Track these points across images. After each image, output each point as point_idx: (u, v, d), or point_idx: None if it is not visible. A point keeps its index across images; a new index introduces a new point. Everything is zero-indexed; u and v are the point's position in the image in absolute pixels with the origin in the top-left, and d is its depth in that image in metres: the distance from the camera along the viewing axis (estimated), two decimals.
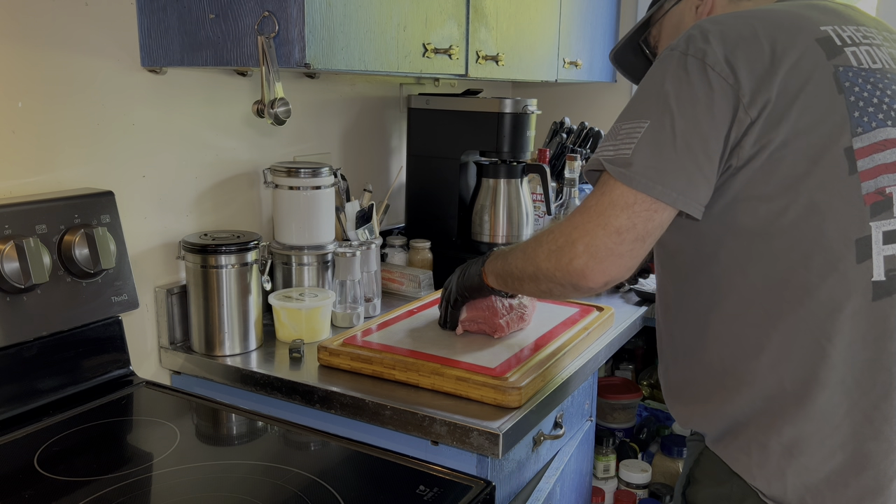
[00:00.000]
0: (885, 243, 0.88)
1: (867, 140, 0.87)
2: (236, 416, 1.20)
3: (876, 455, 0.89)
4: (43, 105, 1.19)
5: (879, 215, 0.87)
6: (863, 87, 0.89)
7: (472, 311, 1.38)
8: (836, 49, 0.90)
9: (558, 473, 1.35)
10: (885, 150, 0.88)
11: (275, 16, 1.13)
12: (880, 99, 0.89)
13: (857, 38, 0.93)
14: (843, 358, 0.88)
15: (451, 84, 2.17)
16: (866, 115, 0.88)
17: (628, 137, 0.90)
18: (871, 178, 0.87)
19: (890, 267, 0.88)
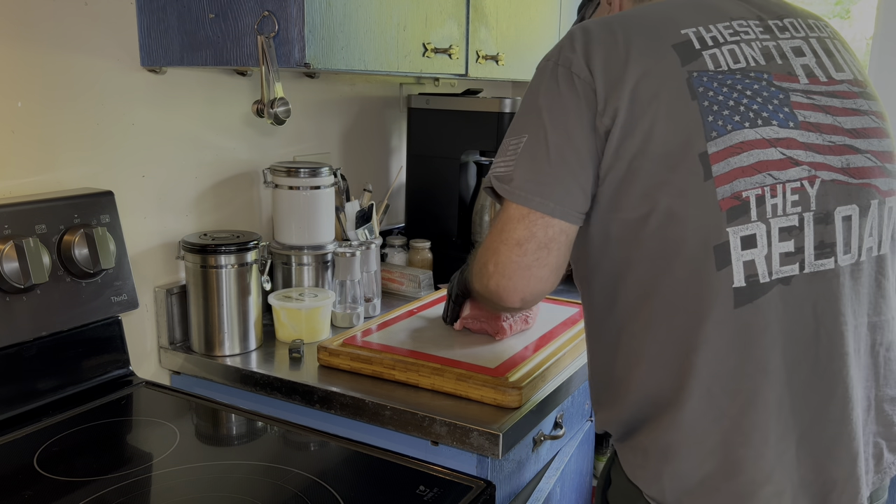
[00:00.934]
0: (744, 249, 0.86)
1: (722, 144, 0.86)
2: (236, 417, 1.20)
3: (745, 461, 0.88)
4: (42, 105, 1.19)
5: (736, 220, 0.85)
6: (718, 90, 0.87)
7: (475, 308, 1.38)
8: (694, 54, 0.89)
9: (558, 473, 1.35)
10: (742, 153, 0.86)
11: (274, 15, 1.13)
12: (737, 101, 0.87)
13: (724, 37, 0.91)
14: (708, 366, 0.87)
15: (451, 84, 2.17)
16: (721, 118, 0.87)
17: (511, 153, 0.93)
18: (726, 183, 0.85)
19: (750, 273, 0.86)
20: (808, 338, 0.88)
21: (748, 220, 0.86)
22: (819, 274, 0.88)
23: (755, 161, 0.86)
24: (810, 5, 2.50)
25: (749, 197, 0.86)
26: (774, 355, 0.87)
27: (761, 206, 0.86)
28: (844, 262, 0.90)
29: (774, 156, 0.87)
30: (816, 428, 0.90)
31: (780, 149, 0.87)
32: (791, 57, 0.93)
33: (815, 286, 0.88)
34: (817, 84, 0.92)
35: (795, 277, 0.87)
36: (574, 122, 0.89)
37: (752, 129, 0.87)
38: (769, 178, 0.86)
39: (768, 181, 0.86)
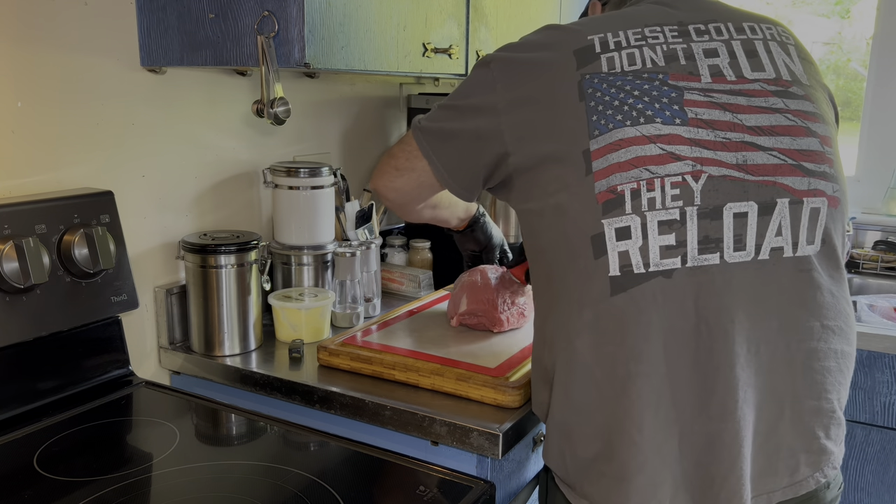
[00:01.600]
0: (619, 240, 0.89)
1: (603, 142, 0.90)
2: (236, 416, 1.20)
3: (620, 446, 0.91)
4: (42, 105, 1.19)
5: (611, 213, 0.89)
6: (606, 91, 0.92)
7: (472, 303, 1.38)
8: (591, 57, 0.94)
9: None
10: (620, 150, 0.90)
11: (274, 15, 1.13)
12: (622, 101, 0.91)
13: (628, 42, 0.95)
14: (589, 351, 0.92)
15: (451, 84, 2.17)
16: (604, 118, 0.91)
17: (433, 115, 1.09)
18: (603, 178, 0.90)
19: (624, 263, 0.89)
20: (688, 331, 0.89)
21: (622, 213, 0.89)
22: (702, 269, 0.89)
23: (632, 157, 0.90)
24: (810, 5, 2.50)
25: (624, 190, 0.89)
26: (652, 346, 0.89)
27: (636, 199, 0.89)
28: (734, 259, 0.89)
29: (653, 151, 0.90)
30: (698, 423, 0.90)
31: (661, 145, 0.90)
32: (700, 58, 0.95)
33: (696, 280, 0.89)
34: (722, 83, 0.93)
35: (677, 271, 0.89)
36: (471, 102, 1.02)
37: (633, 127, 0.91)
38: (645, 173, 0.89)
39: (644, 175, 0.89)
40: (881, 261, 2.14)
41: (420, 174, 1.08)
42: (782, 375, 0.92)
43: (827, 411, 0.95)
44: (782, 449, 0.94)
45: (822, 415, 0.95)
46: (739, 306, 0.89)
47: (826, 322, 0.93)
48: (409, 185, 1.10)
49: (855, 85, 2.42)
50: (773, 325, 0.91)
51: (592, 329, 0.91)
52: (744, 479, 0.92)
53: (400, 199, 1.15)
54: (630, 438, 0.90)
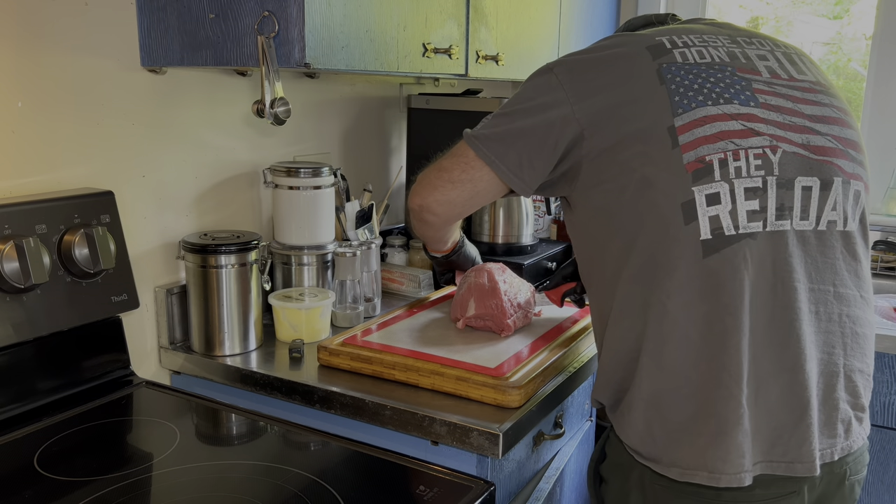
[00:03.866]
0: (709, 205, 0.97)
1: (687, 118, 0.99)
2: (236, 416, 1.20)
3: (718, 402, 0.96)
4: (43, 105, 1.19)
5: (701, 180, 0.97)
6: (684, 77, 1.01)
7: (480, 308, 1.38)
8: (665, 51, 1.04)
9: (558, 473, 1.35)
10: (705, 125, 0.99)
11: (275, 16, 1.13)
12: (701, 85, 1.01)
13: (692, 43, 1.06)
14: (683, 312, 0.97)
15: (451, 84, 2.17)
16: (686, 98, 1.00)
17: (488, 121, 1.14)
18: (691, 150, 0.98)
19: (715, 226, 0.97)
20: (767, 289, 0.97)
21: (712, 181, 0.97)
22: (778, 233, 0.98)
23: (717, 131, 0.99)
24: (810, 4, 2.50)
25: (712, 160, 0.98)
26: (742, 302, 0.96)
27: (724, 168, 0.98)
28: (800, 227, 0.99)
29: (736, 126, 0.99)
30: (772, 376, 0.98)
31: (742, 121, 1.00)
32: (755, 60, 1.06)
33: (773, 243, 0.98)
34: (779, 79, 1.05)
35: (759, 234, 0.98)
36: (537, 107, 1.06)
37: (715, 106, 1.00)
38: (731, 145, 0.99)
39: (730, 147, 0.98)
40: (881, 261, 2.14)
41: (478, 182, 1.12)
42: (836, 337, 1.01)
43: (867, 374, 1.05)
44: (839, 406, 1.01)
45: (865, 377, 1.04)
46: (804, 269, 0.99)
47: (864, 294, 1.04)
48: (464, 196, 1.14)
49: (854, 85, 2.42)
50: (829, 290, 1.01)
51: (687, 291, 0.97)
52: (812, 429, 0.99)
53: (449, 213, 1.19)
54: (729, 392, 0.96)
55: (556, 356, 1.29)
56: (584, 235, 1.11)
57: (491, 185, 1.12)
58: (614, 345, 1.05)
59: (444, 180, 1.14)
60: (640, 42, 1.05)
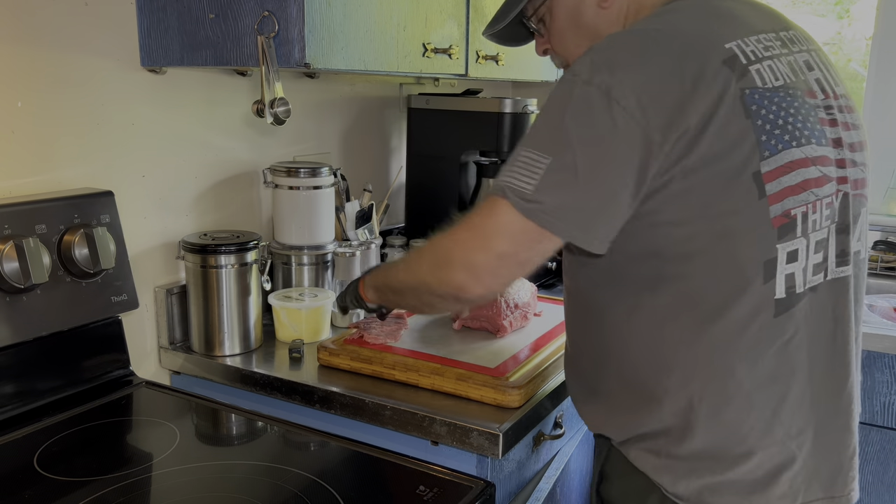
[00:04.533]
0: (787, 263, 0.90)
1: (774, 164, 0.88)
2: (236, 416, 1.20)
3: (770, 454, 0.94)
4: (42, 105, 1.19)
5: (785, 237, 0.89)
6: (768, 108, 0.88)
7: (475, 308, 1.38)
8: (742, 69, 0.88)
9: (558, 473, 1.35)
10: (791, 172, 0.89)
11: (274, 15, 1.13)
12: (784, 119, 0.89)
13: (760, 53, 0.91)
14: (748, 373, 0.92)
15: (451, 84, 2.17)
16: (773, 137, 0.88)
17: (528, 170, 0.89)
18: (778, 202, 0.88)
19: (790, 284, 0.91)
20: (828, 338, 0.95)
21: (794, 237, 0.90)
22: (838, 280, 0.95)
23: (801, 180, 0.90)
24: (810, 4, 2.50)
25: (797, 215, 0.90)
26: (802, 356, 0.93)
27: (805, 222, 0.90)
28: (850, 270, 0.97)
29: (814, 174, 0.91)
30: (830, 418, 0.97)
31: (819, 167, 0.91)
32: (806, 72, 0.95)
33: (834, 291, 0.95)
34: (828, 99, 0.96)
35: (821, 285, 0.93)
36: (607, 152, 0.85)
37: (798, 149, 0.89)
38: (811, 196, 0.90)
39: (811, 199, 0.90)
40: (881, 261, 2.14)
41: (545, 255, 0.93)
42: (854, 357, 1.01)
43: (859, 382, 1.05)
44: None
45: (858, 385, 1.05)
46: (852, 308, 0.98)
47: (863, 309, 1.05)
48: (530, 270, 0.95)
49: (854, 85, 2.42)
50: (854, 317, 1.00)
51: (755, 351, 0.91)
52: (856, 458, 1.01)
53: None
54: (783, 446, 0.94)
55: (556, 356, 1.29)
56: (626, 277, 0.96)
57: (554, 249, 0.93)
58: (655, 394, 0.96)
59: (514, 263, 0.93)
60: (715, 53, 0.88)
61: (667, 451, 0.96)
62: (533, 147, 0.90)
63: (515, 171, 0.90)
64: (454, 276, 0.93)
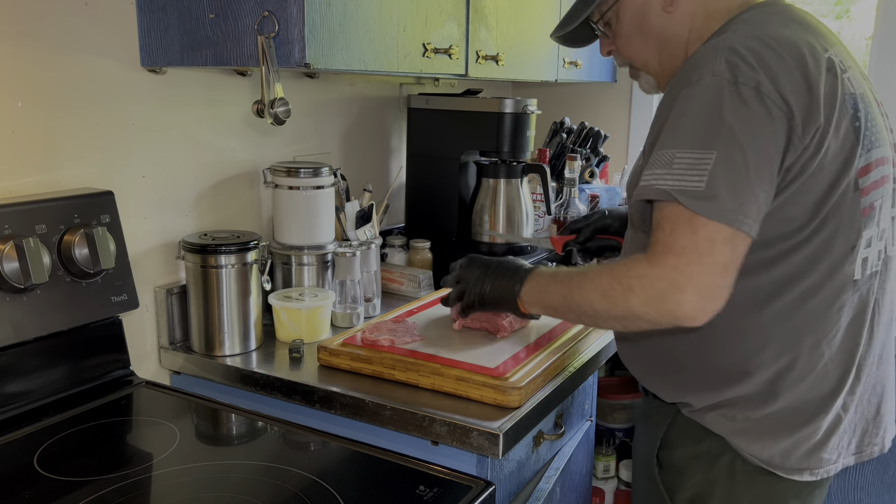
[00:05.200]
0: (865, 247, 1.02)
1: (865, 160, 1.00)
2: (236, 416, 1.20)
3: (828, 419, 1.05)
4: (43, 105, 1.19)
5: (868, 226, 1.02)
6: (862, 111, 1.00)
7: None
8: (840, 76, 0.99)
9: (558, 473, 1.35)
10: (876, 168, 1.02)
11: (274, 16, 1.13)
12: (871, 122, 1.01)
13: (843, 64, 1.01)
14: (828, 345, 1.03)
15: (451, 84, 2.17)
16: (867, 138, 1.00)
17: (693, 169, 0.90)
18: (867, 194, 1.01)
19: (864, 267, 1.03)
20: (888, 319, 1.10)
21: (873, 225, 1.03)
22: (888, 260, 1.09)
23: (881, 176, 1.03)
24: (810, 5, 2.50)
25: (877, 206, 1.03)
26: (864, 329, 1.06)
27: (881, 212, 1.04)
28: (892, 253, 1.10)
29: (888, 171, 1.05)
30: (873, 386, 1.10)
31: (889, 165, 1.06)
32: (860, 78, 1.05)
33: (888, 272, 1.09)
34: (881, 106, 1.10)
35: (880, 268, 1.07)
36: (768, 142, 0.92)
37: (878, 149, 1.03)
38: (886, 190, 1.05)
39: (886, 192, 1.05)
40: None
41: (743, 252, 0.93)
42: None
43: None
44: None
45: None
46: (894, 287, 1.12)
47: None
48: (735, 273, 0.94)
49: None
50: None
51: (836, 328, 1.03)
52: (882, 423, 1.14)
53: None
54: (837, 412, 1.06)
55: (556, 356, 1.29)
56: None
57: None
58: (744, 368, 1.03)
59: (720, 268, 0.91)
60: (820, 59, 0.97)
61: (744, 416, 1.04)
62: (688, 146, 0.92)
63: (670, 171, 0.91)
64: (684, 307, 0.90)
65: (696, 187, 0.89)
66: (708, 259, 0.89)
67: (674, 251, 0.91)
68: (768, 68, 0.92)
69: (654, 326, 0.96)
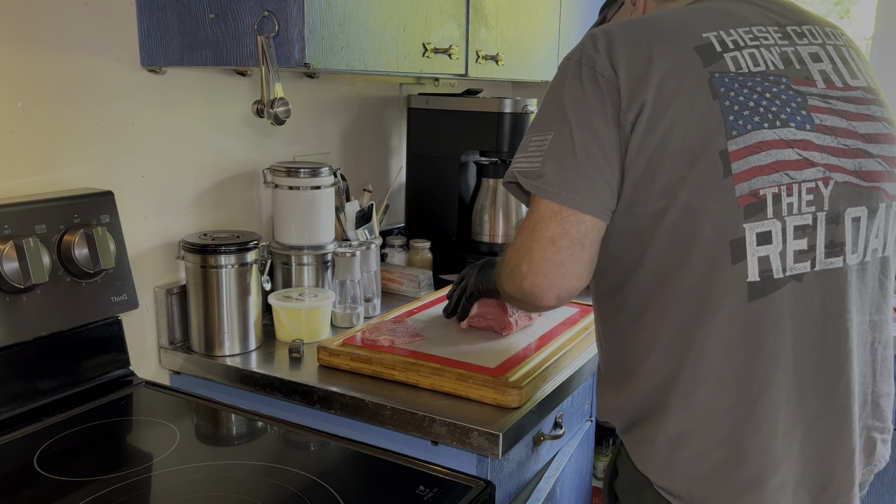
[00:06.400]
0: (759, 245, 0.89)
1: (742, 143, 0.89)
2: (236, 416, 1.20)
3: (754, 450, 0.91)
4: (42, 105, 1.19)
5: (753, 217, 0.89)
6: (738, 91, 0.90)
7: (482, 306, 1.38)
8: (715, 55, 0.91)
9: (558, 473, 1.35)
10: (760, 153, 0.89)
11: (274, 15, 1.13)
12: (757, 102, 0.91)
13: (744, 42, 0.94)
14: (722, 356, 0.91)
15: (451, 84, 2.17)
16: (741, 118, 0.89)
17: (536, 149, 0.94)
18: (744, 181, 0.89)
19: (764, 268, 0.89)
20: (816, 332, 0.92)
21: (764, 217, 0.89)
22: (829, 272, 0.92)
23: (773, 161, 0.90)
24: (810, 5, 2.50)
25: (766, 195, 0.89)
26: (785, 347, 0.91)
27: (777, 203, 0.89)
28: (852, 262, 0.94)
29: (791, 156, 0.90)
30: (821, 420, 0.93)
31: (797, 150, 0.91)
32: (808, 62, 0.96)
33: (823, 283, 0.92)
34: (833, 89, 0.95)
35: (807, 274, 0.91)
36: (599, 119, 0.90)
37: (771, 130, 0.90)
38: (786, 178, 0.90)
39: (785, 180, 0.90)
40: None
41: (585, 234, 0.93)
42: (868, 366, 0.99)
43: (892, 395, 1.03)
44: (863, 434, 0.99)
45: (890, 397, 1.02)
46: (852, 305, 0.94)
47: (890, 314, 1.01)
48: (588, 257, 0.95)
49: None
50: (865, 320, 0.97)
51: (728, 334, 0.90)
52: (856, 472, 0.96)
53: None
54: (766, 442, 0.91)
55: (556, 356, 1.29)
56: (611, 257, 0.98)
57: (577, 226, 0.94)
58: (637, 375, 0.97)
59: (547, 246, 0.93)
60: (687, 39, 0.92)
61: (649, 438, 0.96)
62: (538, 130, 0.95)
63: (525, 154, 0.96)
64: (524, 283, 0.95)
65: (533, 167, 0.93)
66: (536, 234, 0.93)
67: (520, 230, 0.97)
68: (609, 46, 0.92)
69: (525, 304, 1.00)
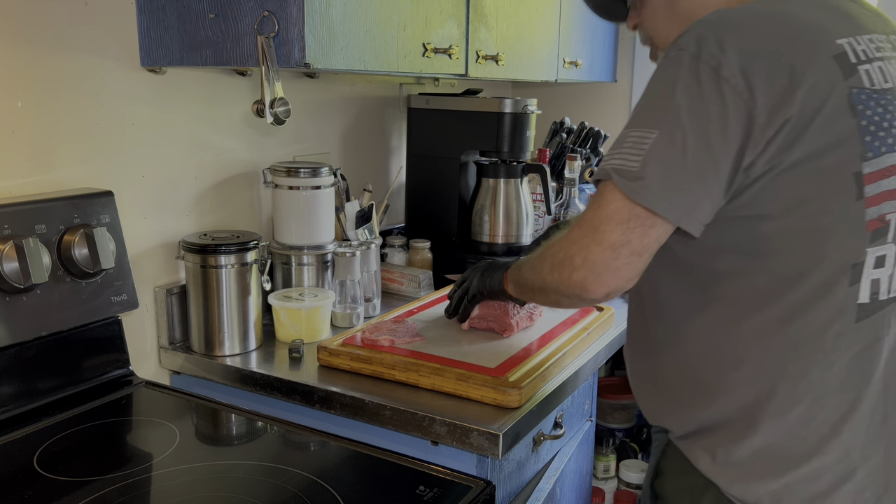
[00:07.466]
0: (875, 268, 0.89)
1: (876, 166, 0.86)
2: (236, 416, 1.20)
3: (833, 465, 0.92)
4: (42, 105, 1.19)
5: (876, 241, 0.88)
6: (874, 110, 0.87)
7: (483, 308, 1.38)
8: (851, 68, 0.87)
9: (558, 473, 1.35)
10: (891, 176, 0.87)
11: (274, 15, 1.13)
12: (890, 123, 0.88)
13: (871, 53, 0.90)
14: (820, 375, 0.90)
15: (451, 84, 2.17)
16: (877, 139, 0.87)
17: (635, 148, 0.87)
18: (875, 205, 0.87)
19: (874, 290, 0.89)
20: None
21: (885, 242, 0.88)
22: None
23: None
24: None
25: (891, 220, 0.88)
26: (878, 367, 0.91)
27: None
28: None
29: None
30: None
31: None
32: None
33: None
34: None
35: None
36: (716, 131, 0.84)
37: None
38: None
39: None
40: None
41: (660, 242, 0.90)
42: None
43: None
44: None
45: None
46: None
47: None
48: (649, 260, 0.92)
49: None
50: None
51: (831, 355, 0.89)
52: None
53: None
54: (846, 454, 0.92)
55: (556, 356, 1.29)
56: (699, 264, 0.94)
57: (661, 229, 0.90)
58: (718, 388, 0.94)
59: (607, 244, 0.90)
60: (825, 47, 0.87)
61: (725, 450, 0.95)
62: (638, 125, 0.88)
63: (620, 150, 0.89)
64: (574, 276, 0.92)
65: (631, 167, 0.86)
66: (598, 235, 0.89)
67: (579, 223, 0.92)
68: (741, 50, 0.83)
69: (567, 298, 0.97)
